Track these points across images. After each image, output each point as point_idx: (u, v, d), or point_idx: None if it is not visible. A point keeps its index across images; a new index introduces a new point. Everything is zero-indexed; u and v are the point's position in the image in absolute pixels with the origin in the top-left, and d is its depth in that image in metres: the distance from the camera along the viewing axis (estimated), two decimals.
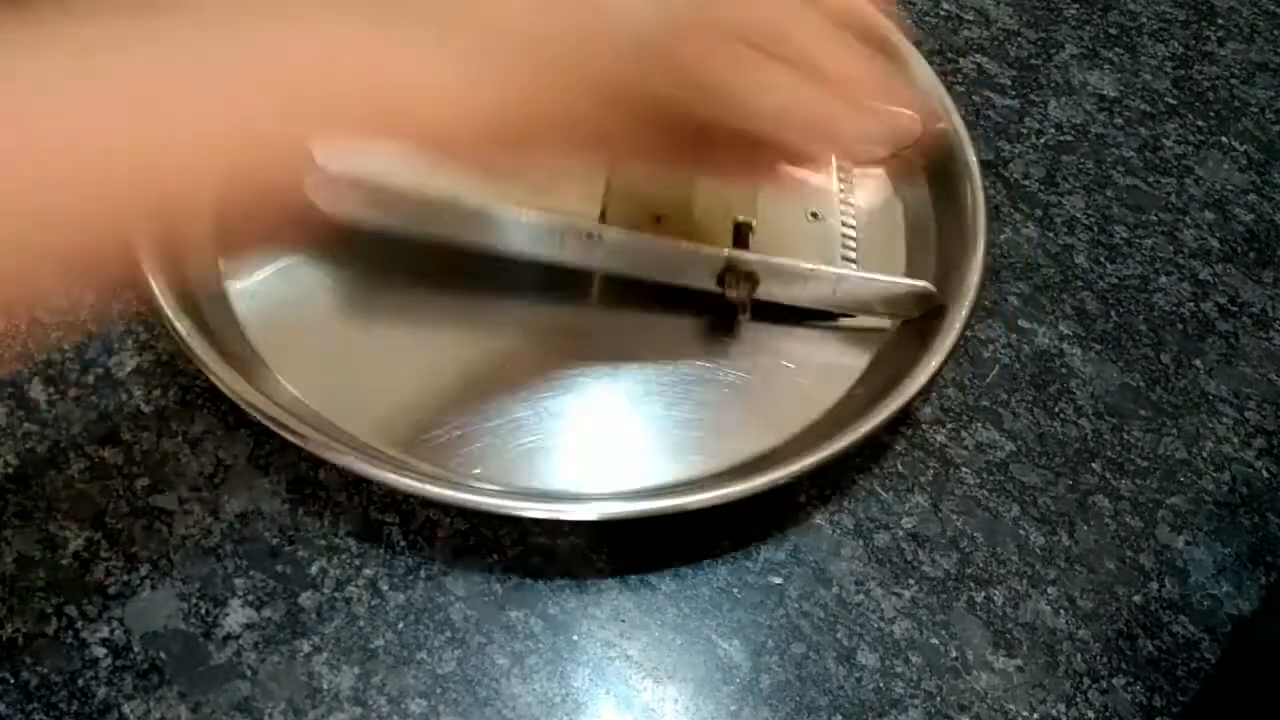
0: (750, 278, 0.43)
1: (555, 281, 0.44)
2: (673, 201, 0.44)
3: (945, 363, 0.42)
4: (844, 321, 0.46)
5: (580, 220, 0.42)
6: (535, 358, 0.44)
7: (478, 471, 0.40)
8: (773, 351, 0.45)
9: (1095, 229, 0.53)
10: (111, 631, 0.37)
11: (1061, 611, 0.41)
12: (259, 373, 0.41)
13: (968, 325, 0.43)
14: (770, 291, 0.44)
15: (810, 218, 0.47)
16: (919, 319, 0.45)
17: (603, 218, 0.42)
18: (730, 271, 0.43)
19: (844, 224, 0.47)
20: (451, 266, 0.44)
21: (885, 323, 0.46)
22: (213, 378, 0.38)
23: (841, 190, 0.48)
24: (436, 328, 0.44)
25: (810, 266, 0.44)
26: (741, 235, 0.44)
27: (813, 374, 0.45)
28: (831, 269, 0.44)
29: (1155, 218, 0.54)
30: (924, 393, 0.41)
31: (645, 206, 0.43)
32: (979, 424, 0.45)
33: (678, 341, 0.45)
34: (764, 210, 0.45)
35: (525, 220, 0.41)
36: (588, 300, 0.46)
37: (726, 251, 0.43)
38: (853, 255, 0.46)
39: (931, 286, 0.44)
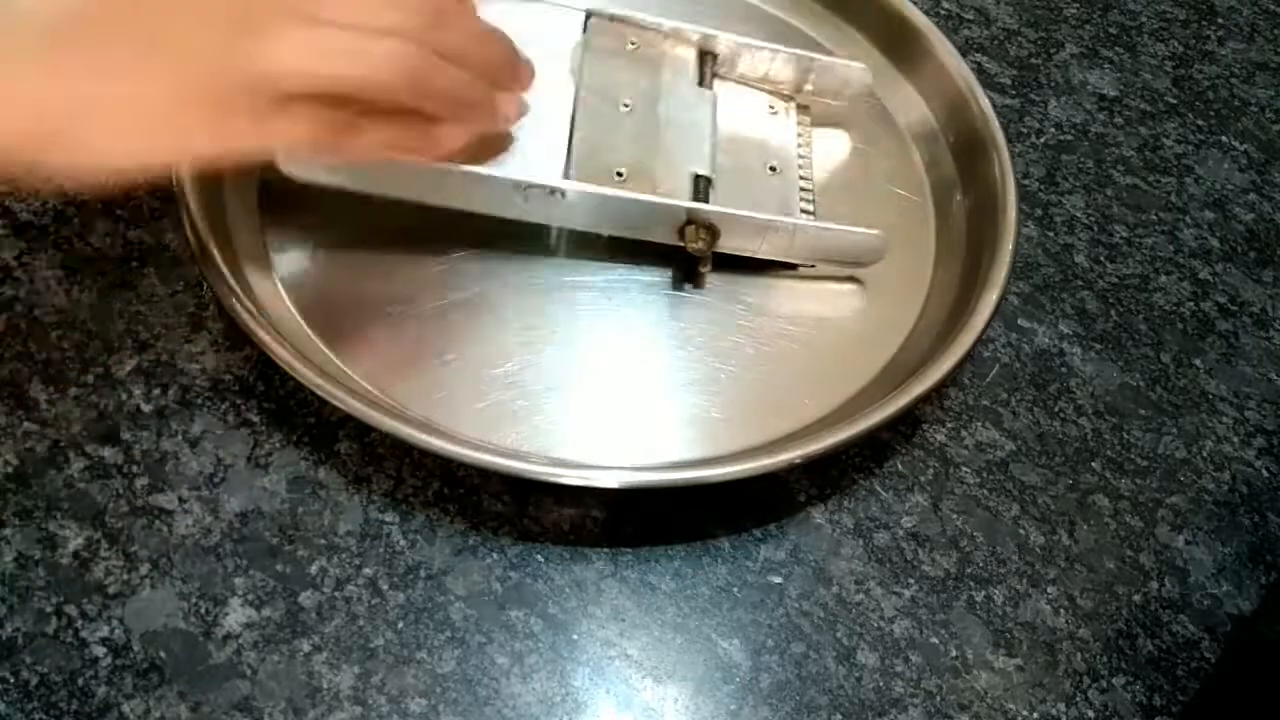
0: (710, 230, 0.44)
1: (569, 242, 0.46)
2: (634, 158, 0.45)
3: (969, 353, 0.42)
4: (862, 316, 0.46)
5: (543, 177, 0.43)
6: (541, 324, 0.44)
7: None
8: (790, 341, 0.45)
9: (1095, 228, 0.53)
10: (111, 631, 0.37)
11: (1061, 611, 0.41)
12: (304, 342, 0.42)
13: (992, 320, 0.43)
14: (730, 244, 0.45)
15: (769, 171, 0.48)
16: (949, 312, 0.45)
17: (565, 175, 0.43)
18: (690, 224, 0.44)
19: (801, 177, 0.48)
20: (458, 228, 0.45)
21: (912, 315, 0.46)
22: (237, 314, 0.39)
23: (800, 145, 0.50)
24: (433, 287, 0.45)
25: (767, 218, 0.45)
26: (700, 189, 0.45)
27: (834, 364, 0.45)
28: (787, 219, 0.45)
29: (1155, 217, 0.54)
30: (940, 385, 0.41)
31: (607, 163, 0.44)
32: (979, 423, 0.45)
33: (688, 319, 0.45)
34: (724, 164, 0.46)
35: (488, 178, 0.42)
36: (593, 259, 0.47)
37: (686, 204, 0.44)
38: (810, 207, 0.47)
39: (882, 234, 0.45)
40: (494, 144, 0.43)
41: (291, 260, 0.45)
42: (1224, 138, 0.58)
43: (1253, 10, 0.65)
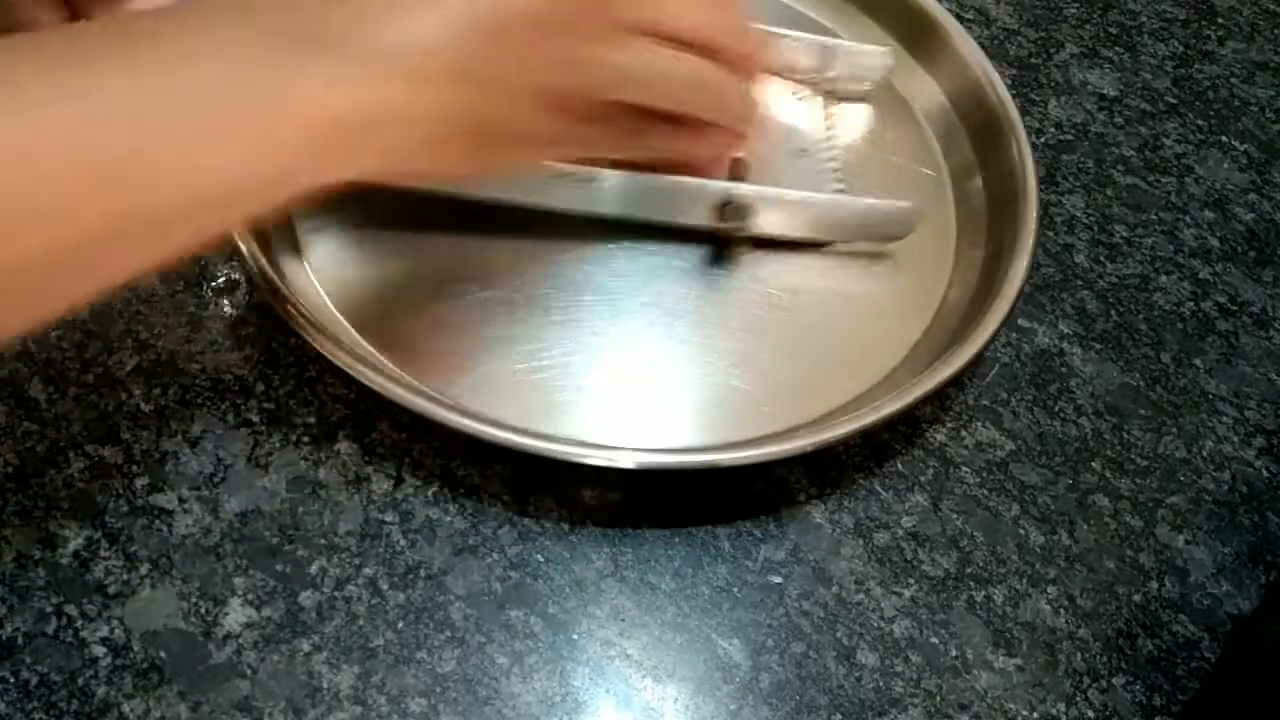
0: (746, 210, 0.45)
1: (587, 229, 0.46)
2: None
3: (989, 344, 0.43)
4: (889, 296, 0.47)
5: (581, 165, 0.43)
6: (567, 310, 0.45)
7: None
8: (813, 330, 0.46)
9: (1095, 228, 0.53)
10: (111, 631, 0.37)
11: (1061, 611, 0.41)
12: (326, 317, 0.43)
13: (1015, 305, 0.44)
14: (768, 222, 0.45)
15: (799, 153, 0.49)
16: (969, 303, 0.46)
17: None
18: (728, 204, 0.45)
19: (830, 158, 0.50)
20: (481, 217, 0.45)
21: (934, 299, 0.47)
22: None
23: (827, 128, 0.51)
24: (464, 274, 0.45)
25: (803, 194, 0.46)
26: (737, 170, 0.46)
27: (862, 345, 0.45)
28: (823, 196, 0.46)
29: (1155, 217, 0.54)
30: (960, 374, 0.42)
31: None
32: (979, 423, 0.45)
33: (714, 303, 0.46)
34: (754, 150, 0.47)
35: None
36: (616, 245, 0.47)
37: (724, 184, 0.45)
38: (841, 186, 0.48)
39: (913, 206, 0.46)
40: None
41: (324, 251, 0.45)
42: (1224, 138, 0.58)
43: (1253, 10, 0.65)
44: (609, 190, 0.44)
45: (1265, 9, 0.65)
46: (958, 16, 0.60)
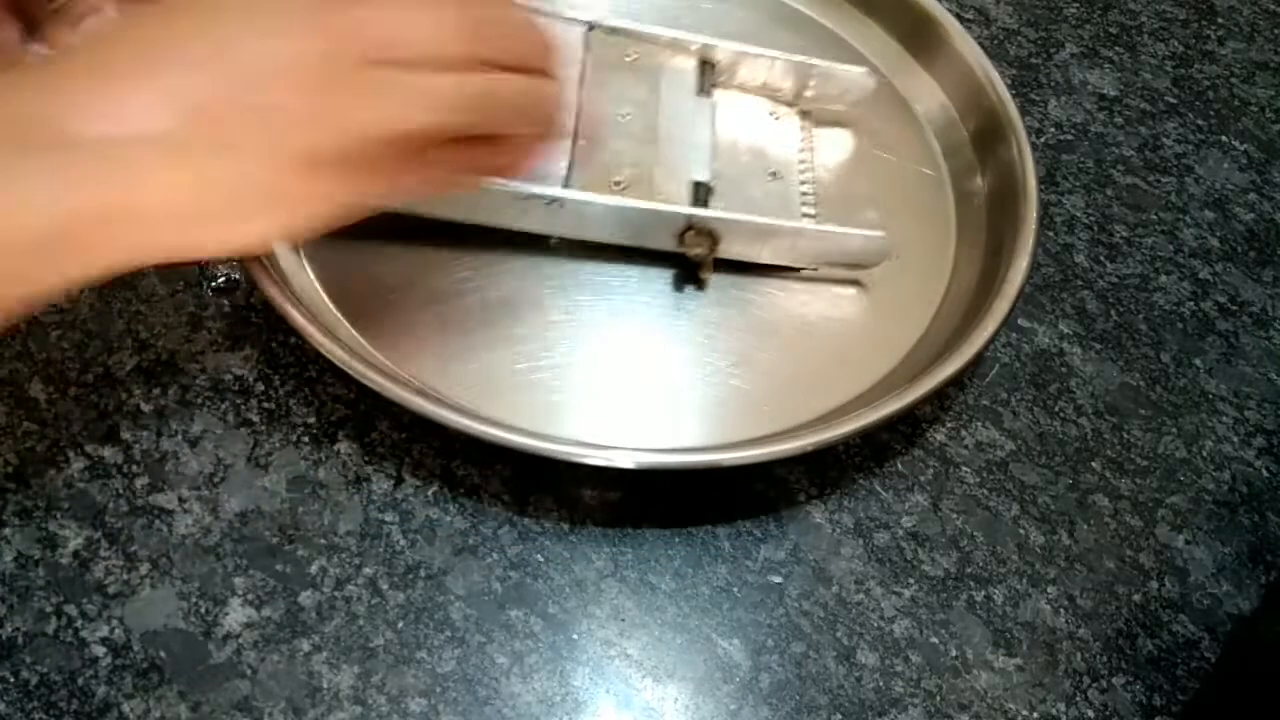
0: (711, 235, 0.44)
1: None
2: (633, 167, 0.45)
3: (989, 344, 0.43)
4: (887, 302, 0.47)
5: (542, 187, 0.43)
6: (561, 315, 0.45)
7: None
8: (812, 328, 0.46)
9: (1095, 228, 0.53)
10: (111, 630, 0.37)
11: (1061, 610, 0.41)
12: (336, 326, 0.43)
13: (1015, 305, 0.44)
14: (732, 249, 0.45)
15: (770, 178, 0.48)
16: (969, 303, 0.46)
17: (565, 184, 0.43)
18: (690, 230, 0.44)
19: (802, 182, 0.49)
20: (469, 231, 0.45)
21: (934, 299, 0.47)
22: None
23: (801, 151, 0.50)
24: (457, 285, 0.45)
25: (767, 221, 0.45)
26: (700, 195, 0.45)
27: (859, 350, 0.45)
28: (787, 223, 0.46)
29: (1155, 217, 0.54)
30: (960, 374, 0.42)
31: (606, 173, 0.45)
32: (979, 423, 0.45)
33: (715, 303, 0.46)
34: (724, 171, 0.47)
35: (488, 191, 0.42)
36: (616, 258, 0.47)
37: (685, 210, 0.44)
38: (811, 212, 0.48)
39: (883, 236, 0.45)
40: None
41: (324, 251, 0.45)
42: (1224, 138, 0.58)
43: (1253, 10, 0.65)
44: (570, 213, 0.44)
45: (1265, 9, 0.65)
46: (958, 16, 0.60)
